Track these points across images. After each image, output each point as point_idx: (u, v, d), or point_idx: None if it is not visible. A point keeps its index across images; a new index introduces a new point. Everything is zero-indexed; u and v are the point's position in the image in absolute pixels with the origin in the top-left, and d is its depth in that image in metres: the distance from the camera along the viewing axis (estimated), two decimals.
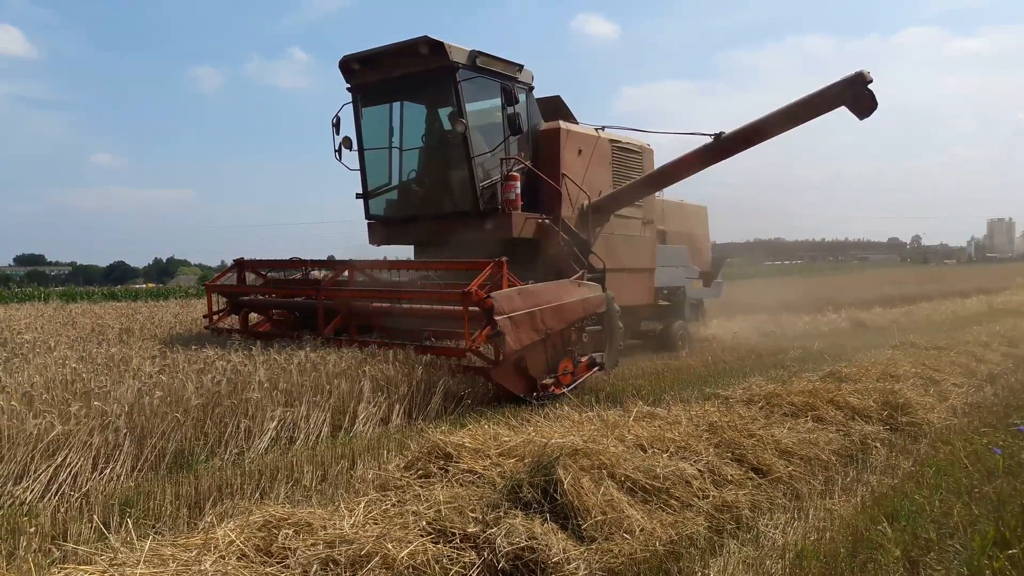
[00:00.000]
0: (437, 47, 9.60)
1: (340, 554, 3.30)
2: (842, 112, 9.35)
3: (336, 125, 10.82)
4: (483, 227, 10.05)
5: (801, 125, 9.86)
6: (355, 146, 11.02)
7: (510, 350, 7.49)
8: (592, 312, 8.86)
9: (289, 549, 3.33)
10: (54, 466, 5.00)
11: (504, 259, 8.31)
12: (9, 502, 4.70)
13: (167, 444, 5.62)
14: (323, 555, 3.30)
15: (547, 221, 10.27)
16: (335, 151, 10.79)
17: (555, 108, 11.79)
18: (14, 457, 4.92)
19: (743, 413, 6.30)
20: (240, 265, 11.22)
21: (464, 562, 3.52)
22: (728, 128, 10.34)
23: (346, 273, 10.05)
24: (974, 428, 6.68)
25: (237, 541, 3.33)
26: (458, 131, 9.78)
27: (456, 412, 7.50)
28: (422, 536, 3.62)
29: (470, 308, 7.80)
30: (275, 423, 6.33)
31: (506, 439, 5.00)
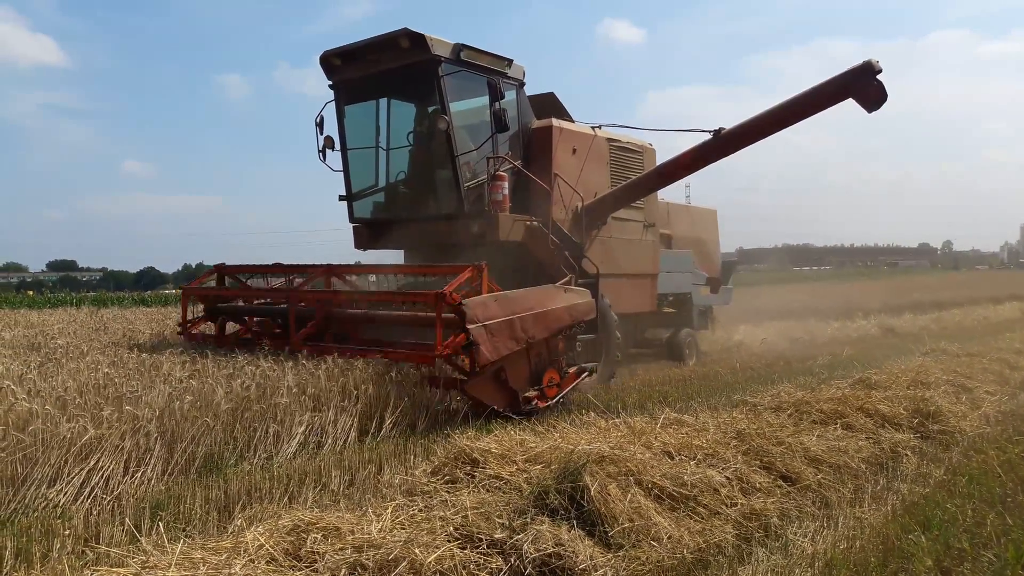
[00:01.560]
0: (418, 40, 9.10)
1: (368, 559, 3.32)
2: (877, 113, 8.93)
3: (320, 124, 10.30)
4: (469, 230, 9.53)
5: (806, 119, 9.45)
6: (338, 146, 10.49)
7: (485, 361, 7.01)
8: (580, 320, 8.39)
9: (318, 553, 3.36)
10: (87, 469, 5.07)
11: (484, 263, 7.82)
12: (43, 504, 4.78)
13: (197, 448, 5.68)
14: (351, 559, 3.32)
15: (536, 224, 9.72)
16: (319, 151, 10.28)
17: (549, 105, 11.24)
18: (48, 460, 5.00)
19: (772, 420, 6.24)
20: (220, 271, 10.76)
21: (491, 568, 3.52)
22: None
23: (335, 280, 9.58)
24: (1008, 436, 6.58)
25: (266, 545, 3.36)
26: (440, 128, 9.26)
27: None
28: (449, 541, 3.63)
29: (444, 315, 7.34)
30: (303, 428, 6.38)
31: (532, 445, 5.00)
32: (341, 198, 10.72)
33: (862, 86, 8.62)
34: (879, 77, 8.53)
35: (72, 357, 8.02)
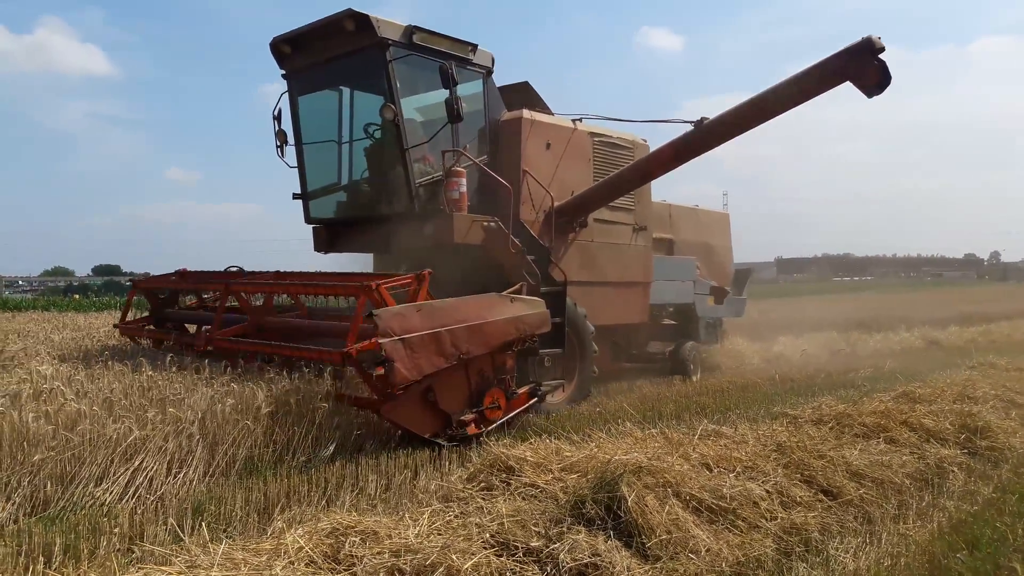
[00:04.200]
0: (363, 21, 8.25)
1: (406, 563, 3.35)
2: (920, 122, 8.40)
3: (277, 118, 9.46)
4: (422, 232, 8.65)
5: (797, 106, 8.28)
6: (291, 140, 9.61)
7: (402, 380, 6.17)
8: (531, 333, 7.49)
9: (356, 557, 3.40)
10: (132, 469, 5.18)
11: (427, 272, 7.03)
12: (90, 503, 4.89)
13: (238, 450, 5.77)
14: (389, 564, 3.35)
15: (494, 225, 8.71)
16: (276, 147, 9.49)
17: (523, 96, 10.26)
18: (95, 460, 5.11)
19: (812, 433, 6.15)
20: (183, 277, 10.02)
21: None
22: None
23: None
24: None
25: (306, 547, 3.41)
26: (387, 118, 8.41)
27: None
28: (485, 548, 3.64)
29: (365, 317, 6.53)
30: (340, 432, 6.44)
31: (568, 454, 5.00)
32: (295, 196, 9.86)
33: (860, 67, 7.54)
34: (881, 56, 7.43)
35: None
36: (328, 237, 9.84)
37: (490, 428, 7.01)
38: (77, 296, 44.85)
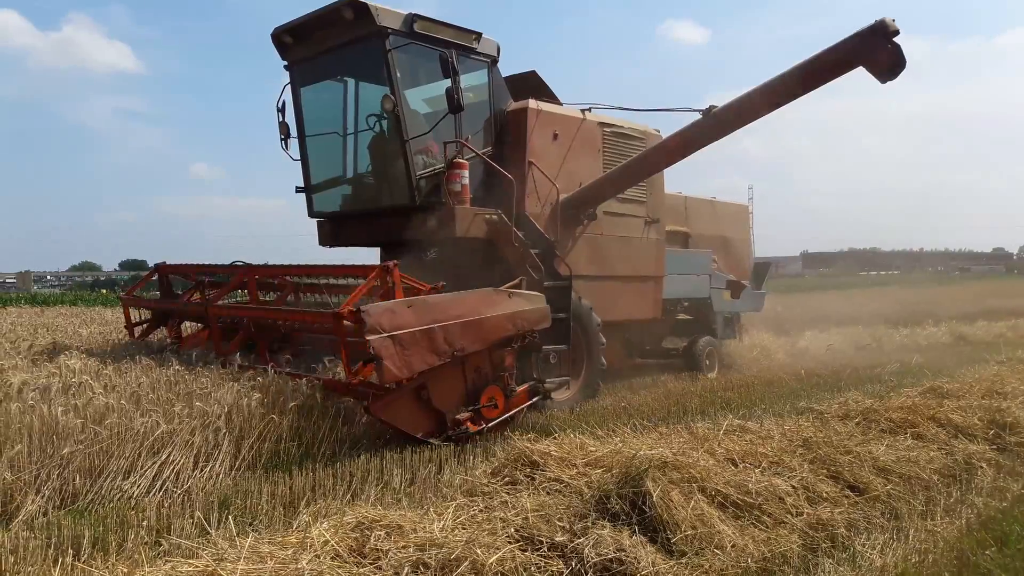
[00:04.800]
0: (362, 10, 8.07)
1: (431, 557, 3.35)
2: (949, 115, 8.17)
3: (281, 110, 9.34)
4: (424, 225, 8.44)
5: (809, 93, 8.01)
6: (294, 132, 9.50)
7: (392, 378, 6.03)
8: (530, 329, 7.26)
9: (381, 551, 3.40)
10: (159, 463, 5.24)
11: (394, 263, 6.84)
12: (118, 496, 4.95)
13: (263, 444, 5.81)
14: (414, 558, 3.35)
15: (496, 218, 8.55)
16: (281, 140, 9.38)
17: (531, 86, 10.01)
18: (123, 453, 5.18)
19: (839, 429, 6.09)
20: (160, 271, 9.98)
21: (552, 571, 3.53)
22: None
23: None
24: None
25: (332, 541, 3.42)
26: (386, 109, 8.25)
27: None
28: (510, 543, 3.64)
29: (348, 339, 6.32)
30: (366, 425, 6.48)
31: (592, 449, 4.98)
32: (298, 190, 9.77)
33: (873, 51, 7.21)
34: (896, 40, 7.09)
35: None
36: (332, 230, 9.73)
37: (487, 427, 6.79)
38: (104, 291, 45.42)
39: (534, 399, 7.44)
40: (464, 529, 3.73)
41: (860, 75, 7.46)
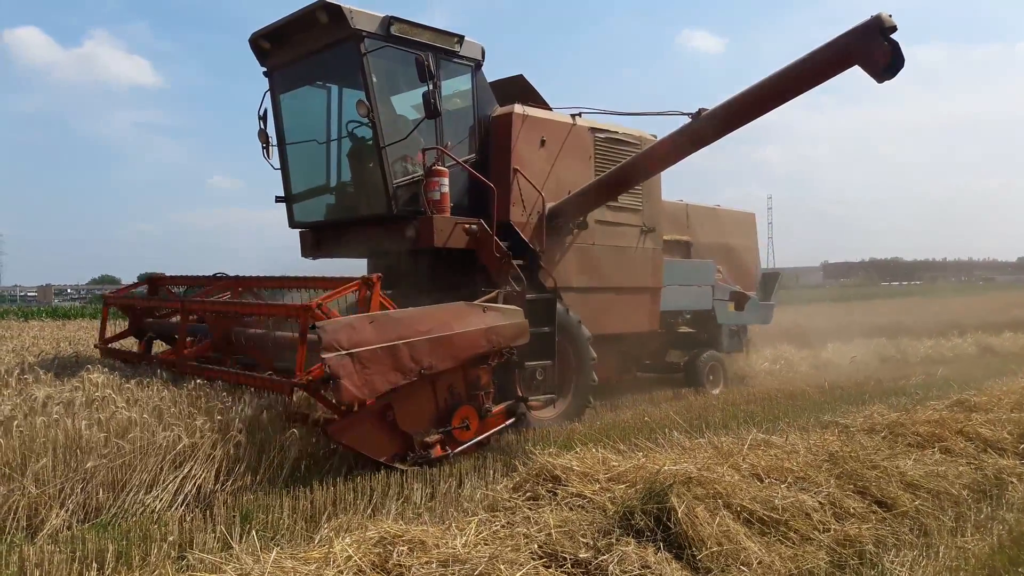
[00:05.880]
0: (335, 12, 7.76)
1: (454, 573, 3.34)
2: (971, 122, 7.75)
3: (263, 118, 8.97)
4: (403, 234, 8.11)
5: (803, 93, 7.60)
6: (274, 140, 9.13)
7: (350, 398, 5.67)
8: (507, 345, 6.85)
9: (404, 567, 3.38)
10: (181, 476, 5.26)
11: (376, 276, 6.47)
12: (141, 509, 4.97)
13: (284, 458, 5.81)
14: (437, 574, 3.33)
15: (475, 227, 8.15)
16: (262, 148, 9.05)
17: (518, 90, 9.61)
18: (145, 467, 5.20)
19: (865, 443, 6.00)
20: (152, 282, 9.71)
21: None
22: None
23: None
24: None
25: (354, 557, 3.40)
26: (361, 114, 7.91)
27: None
28: (534, 559, 3.61)
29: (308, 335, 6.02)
30: None
31: (615, 464, 4.93)
32: (278, 199, 9.45)
33: (868, 48, 6.81)
34: (893, 36, 6.67)
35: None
36: (314, 241, 9.43)
37: (458, 450, 6.44)
38: None
39: (510, 420, 7.05)
40: (487, 545, 3.70)
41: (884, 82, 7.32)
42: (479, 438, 6.66)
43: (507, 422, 7.01)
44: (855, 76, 7.10)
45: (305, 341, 5.98)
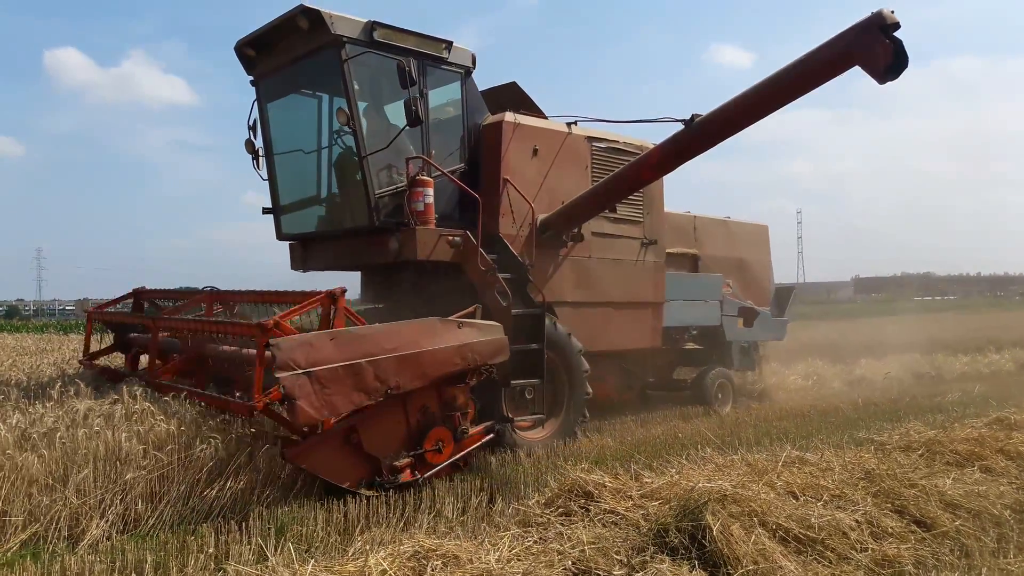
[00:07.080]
0: (316, 18, 7.52)
1: None
2: (1005, 133, 7.23)
3: (252, 128, 8.70)
4: (386, 246, 7.84)
5: (803, 95, 7.26)
6: (262, 150, 8.86)
7: (308, 420, 5.37)
8: (484, 363, 6.50)
9: None
10: (216, 488, 5.33)
11: (340, 289, 6.23)
12: (178, 521, 5.04)
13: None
14: None
15: (459, 239, 7.86)
16: (252, 160, 8.80)
17: (511, 98, 9.27)
18: (183, 479, 5.27)
19: (901, 460, 5.91)
20: (138, 295, 9.52)
21: None
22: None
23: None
24: None
25: (389, 571, 3.43)
26: (341, 122, 7.70)
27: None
28: (567, 575, 3.60)
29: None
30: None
31: (648, 480, 4.92)
32: (265, 211, 9.16)
33: (869, 47, 6.42)
34: (895, 34, 6.27)
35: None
36: (303, 253, 9.14)
37: (429, 474, 6.08)
38: None
39: (486, 438, 6.74)
40: (520, 560, 3.71)
41: (913, 93, 7.14)
42: (452, 459, 6.35)
43: (484, 439, 6.72)
44: (879, 92, 6.96)
45: (263, 361, 5.62)
